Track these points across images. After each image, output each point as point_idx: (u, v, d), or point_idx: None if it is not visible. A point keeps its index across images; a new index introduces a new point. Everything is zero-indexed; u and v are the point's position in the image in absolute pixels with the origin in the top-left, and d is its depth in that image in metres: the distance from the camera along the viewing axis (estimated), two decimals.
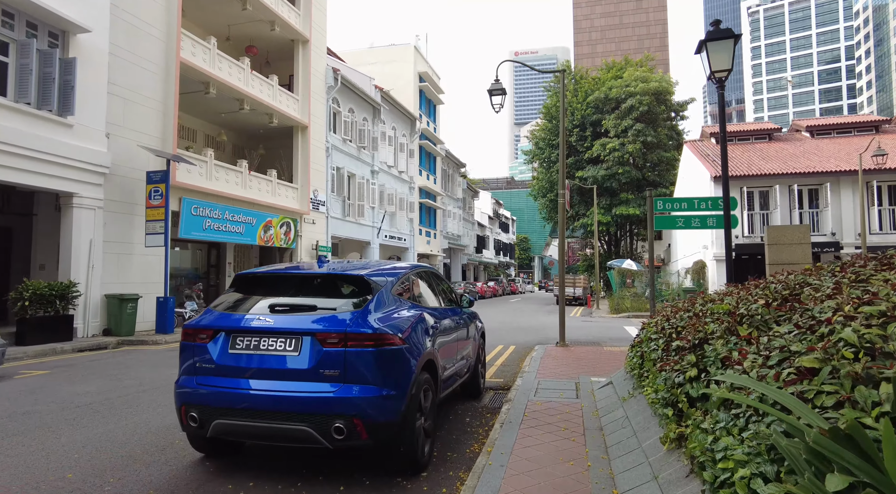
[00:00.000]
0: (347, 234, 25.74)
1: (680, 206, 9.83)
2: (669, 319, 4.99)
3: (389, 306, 3.97)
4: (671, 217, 9.85)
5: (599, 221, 36.11)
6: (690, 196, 9.97)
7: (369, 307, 3.76)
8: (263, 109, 19.70)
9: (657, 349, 4.55)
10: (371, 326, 3.62)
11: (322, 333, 3.51)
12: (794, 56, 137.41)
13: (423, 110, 36.58)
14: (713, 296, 5.25)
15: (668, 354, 4.22)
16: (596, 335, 13.78)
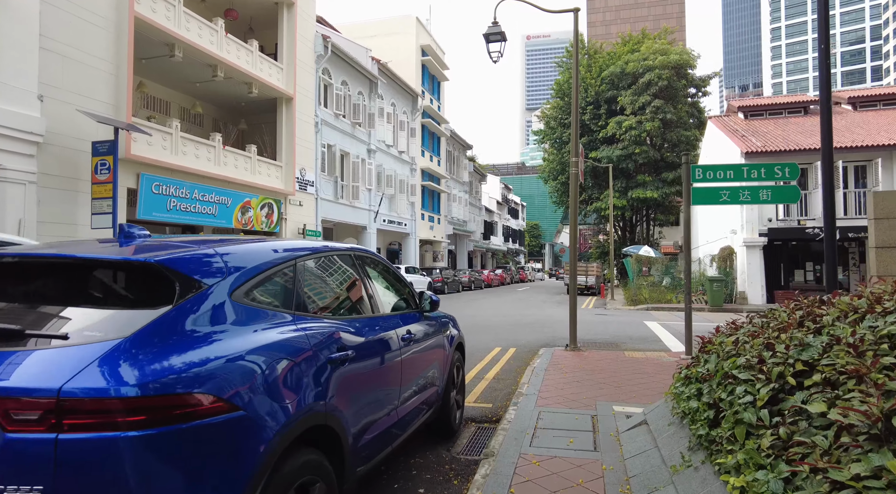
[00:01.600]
0: (340, 217, 23.81)
1: (725, 175, 7.70)
2: (772, 340, 2.94)
3: (217, 325, 1.97)
4: (713, 190, 7.74)
5: (615, 205, 33.84)
6: (737, 163, 7.85)
7: (147, 333, 1.77)
8: (241, 78, 17.70)
9: (752, 400, 2.52)
10: (135, 378, 1.62)
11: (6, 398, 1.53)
12: (815, 37, 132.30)
13: (425, 87, 34.36)
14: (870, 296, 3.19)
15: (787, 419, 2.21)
16: (613, 332, 11.73)
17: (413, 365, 3.51)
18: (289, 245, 2.79)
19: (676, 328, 12.43)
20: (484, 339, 10.52)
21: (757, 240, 18.54)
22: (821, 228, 18.92)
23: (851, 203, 18.20)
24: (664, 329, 12.19)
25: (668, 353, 8.55)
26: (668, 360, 7.70)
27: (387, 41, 32.58)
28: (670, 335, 11.10)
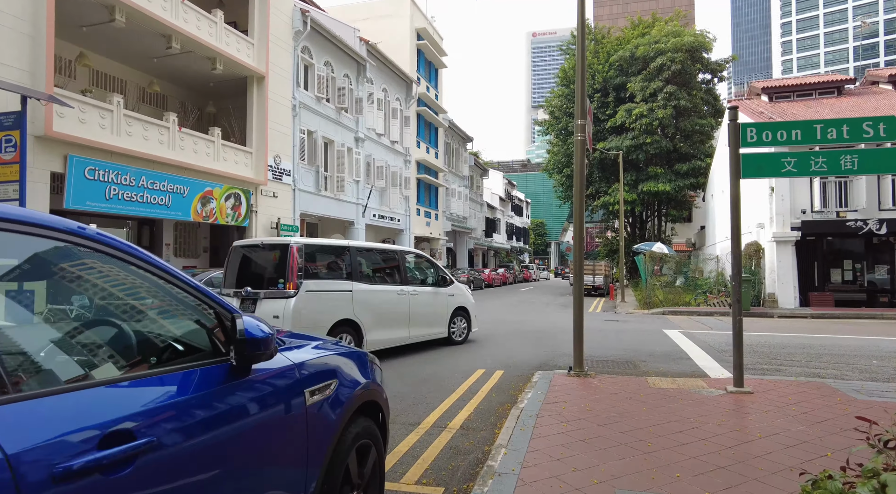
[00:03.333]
0: (322, 211, 21.71)
1: (789, 136, 5.51)
2: None
3: None
4: (772, 157, 5.57)
5: (624, 199, 31.59)
6: (807, 119, 5.66)
7: None
8: (202, 51, 15.61)
9: None
10: None
11: None
12: (827, 31, 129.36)
13: (421, 73, 32.20)
14: None
15: None
16: (628, 345, 9.54)
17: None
18: None
19: (704, 340, 10.22)
20: (466, 356, 8.36)
21: (789, 235, 16.29)
22: (864, 220, 16.70)
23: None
24: (690, 341, 9.99)
25: (707, 380, 6.37)
26: (712, 393, 5.53)
27: (379, 24, 30.46)
28: (700, 351, 8.91)
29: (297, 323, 6.87)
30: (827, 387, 5.71)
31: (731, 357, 8.33)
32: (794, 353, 8.68)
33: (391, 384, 6.35)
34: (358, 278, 7.91)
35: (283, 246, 7.34)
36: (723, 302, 17.59)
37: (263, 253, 7.72)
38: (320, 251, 7.93)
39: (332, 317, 7.34)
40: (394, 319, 8.33)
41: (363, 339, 7.67)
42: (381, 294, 8.19)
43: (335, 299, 7.47)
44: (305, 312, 7.04)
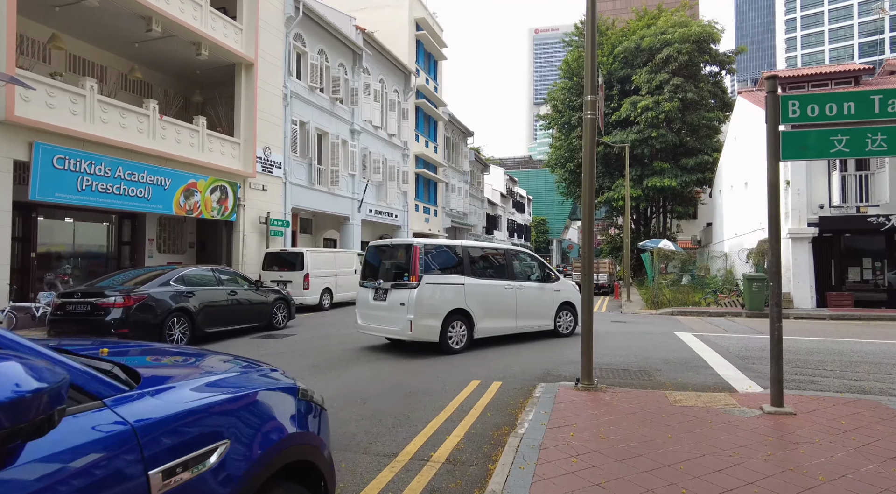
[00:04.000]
0: (316, 205, 20.86)
1: (840, 109, 4.64)
2: None
3: None
4: (820, 135, 4.70)
5: (629, 195, 30.71)
6: (864, 89, 4.76)
7: None
8: (186, 36, 14.78)
9: None
10: None
11: None
12: (832, 28, 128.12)
13: (420, 64, 31.28)
14: None
15: None
16: (640, 351, 8.69)
17: None
18: None
19: (720, 344, 9.37)
20: (462, 363, 7.53)
21: (805, 231, 15.41)
22: (887, 216, 15.81)
23: None
24: (705, 346, 9.14)
25: (736, 396, 5.52)
26: (746, 414, 4.68)
27: (377, 14, 29.53)
28: (718, 357, 8.06)
29: (419, 310, 8.13)
30: (883, 407, 4.86)
31: (755, 365, 7.52)
32: (825, 360, 7.82)
33: (372, 399, 5.53)
34: (469, 273, 8.99)
35: (407, 246, 8.64)
36: (734, 302, 16.72)
37: (392, 251, 9.09)
38: (438, 250, 8.97)
39: (447, 306, 8.46)
40: (501, 310, 9.27)
41: (474, 326, 8.79)
42: (489, 288, 9.17)
43: (450, 291, 8.59)
44: (425, 300, 8.24)
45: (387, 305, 8.44)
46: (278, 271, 15.46)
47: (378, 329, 8.68)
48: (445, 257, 8.91)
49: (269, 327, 11.13)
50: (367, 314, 8.87)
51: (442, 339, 8.30)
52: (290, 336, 10.29)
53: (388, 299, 8.43)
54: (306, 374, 6.73)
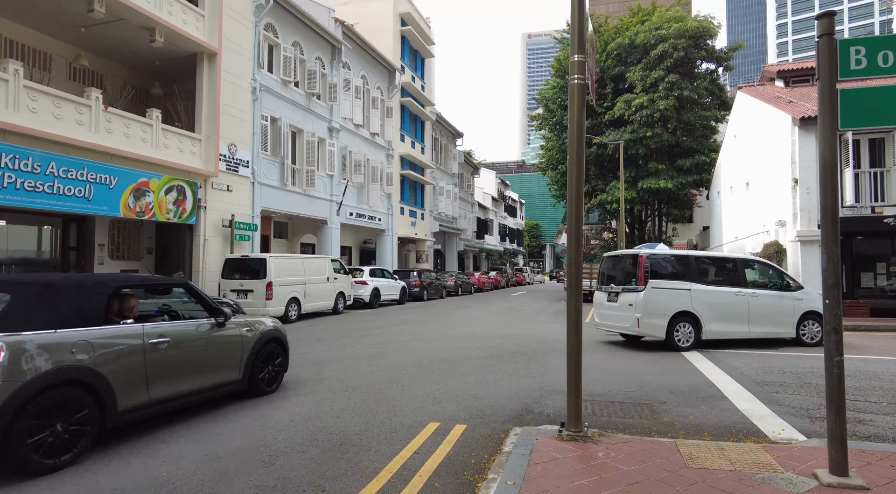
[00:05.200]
0: (289, 208, 19.45)
1: None
2: None
3: None
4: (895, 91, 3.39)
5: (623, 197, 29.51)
6: None
7: None
8: (137, 19, 13.39)
9: None
10: None
11: None
12: None
13: (405, 61, 30.02)
14: None
15: None
16: (639, 375, 7.36)
17: None
18: None
19: (731, 364, 8.05)
20: (419, 395, 6.14)
21: (815, 234, 14.15)
22: None
23: None
24: (715, 367, 7.82)
25: (769, 447, 4.17)
26: (794, 487, 3.32)
27: (360, 8, 28.27)
28: (733, 382, 6.73)
29: (646, 310, 9.37)
30: None
31: (780, 394, 6.17)
32: (863, 388, 6.51)
33: (289, 453, 4.15)
34: (696, 279, 9.84)
35: (634, 256, 9.89)
36: None
37: (623, 260, 10.40)
38: (665, 259, 10.02)
39: (672, 308, 9.50)
40: (732, 315, 9.80)
41: (701, 329, 9.59)
42: (717, 294, 9.83)
43: (675, 295, 9.55)
44: (651, 302, 9.44)
45: (618, 305, 9.93)
46: (239, 280, 14.05)
47: (612, 326, 10.30)
48: (672, 265, 9.95)
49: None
50: (603, 313, 10.56)
51: (668, 337, 9.47)
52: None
53: (619, 301, 9.90)
54: None
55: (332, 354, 9.07)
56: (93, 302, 4.33)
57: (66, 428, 3.89)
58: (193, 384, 5.01)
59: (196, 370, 5.04)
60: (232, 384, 5.53)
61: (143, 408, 4.48)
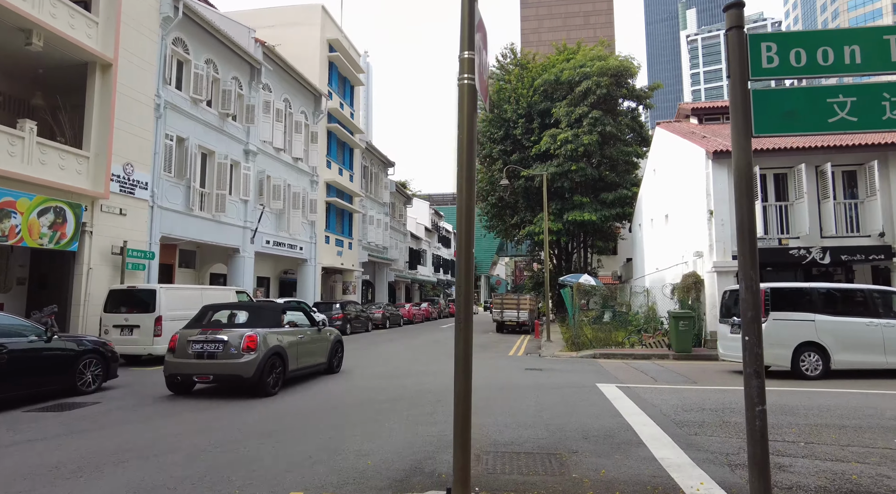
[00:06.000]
0: (196, 235, 17.89)
1: (840, 56, 2.91)
2: None
3: None
4: (813, 94, 2.97)
5: (549, 229, 29.76)
6: (875, 25, 3.12)
7: None
8: (9, 18, 11.90)
9: None
10: None
11: None
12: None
13: (333, 87, 29.32)
14: None
15: None
16: (552, 417, 6.71)
17: None
18: None
19: (651, 401, 7.57)
20: (292, 453, 5.15)
21: (730, 264, 14.41)
22: (808, 248, 15.19)
23: (841, 217, 14.49)
24: (634, 405, 7.30)
25: None
26: None
27: (287, 32, 27.44)
28: (651, 424, 6.19)
29: (768, 340, 9.17)
30: None
31: (698, 436, 5.63)
32: (779, 424, 6.14)
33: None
34: (820, 310, 10.12)
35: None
36: (660, 342, 15.39)
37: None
38: (786, 291, 10.50)
39: (795, 339, 9.91)
40: (864, 345, 9.99)
41: (830, 358, 9.90)
42: (846, 324, 10.07)
43: (798, 326, 9.95)
44: (773, 333, 9.80)
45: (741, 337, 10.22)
46: (125, 314, 12.40)
47: (735, 356, 10.62)
48: (794, 297, 10.35)
49: (73, 390, 8.21)
50: (726, 345, 11.00)
51: (794, 366, 9.91)
52: (87, 407, 7.46)
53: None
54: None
55: (211, 401, 7.85)
56: (277, 316, 9.12)
57: (276, 375, 8.49)
58: (311, 362, 9.81)
59: (312, 355, 9.86)
60: (322, 365, 10.42)
61: (294, 372, 9.13)
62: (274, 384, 8.38)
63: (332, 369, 10.62)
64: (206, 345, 8.13)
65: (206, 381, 8.35)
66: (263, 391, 8.14)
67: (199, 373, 8.11)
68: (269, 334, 8.42)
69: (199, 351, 8.14)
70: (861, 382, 9.46)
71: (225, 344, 8.07)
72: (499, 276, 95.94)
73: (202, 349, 8.13)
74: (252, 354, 8.03)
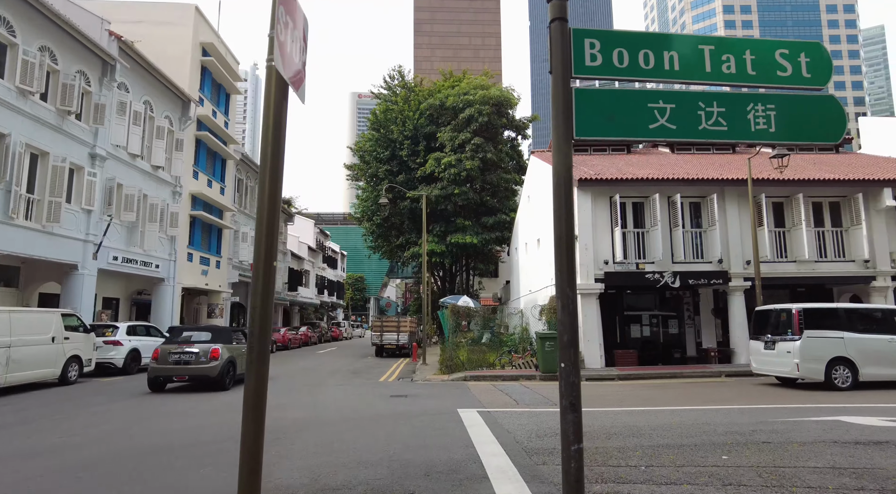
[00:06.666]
0: (19, 248, 15.24)
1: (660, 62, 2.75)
2: None
3: None
4: (633, 98, 2.78)
5: (433, 250, 29.76)
6: (690, 33, 3.02)
7: None
8: None
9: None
10: None
11: None
12: None
13: (206, 94, 27.22)
14: None
15: None
16: (401, 449, 6.17)
17: None
18: None
19: (508, 426, 7.32)
20: None
21: (593, 287, 15.06)
22: (661, 272, 16.34)
23: (689, 244, 15.79)
24: (489, 432, 6.99)
25: None
26: None
27: (157, 30, 25.04)
28: (501, 453, 5.86)
29: (804, 356, 11.02)
30: None
31: (546, 466, 5.30)
32: (626, 448, 6.11)
33: None
34: (848, 328, 11.30)
35: (788, 310, 11.59)
36: (529, 363, 15.60)
37: (777, 313, 11.95)
38: (818, 311, 11.55)
39: (828, 354, 11.09)
40: (887, 360, 11.08)
41: (858, 371, 11.01)
42: (871, 341, 11.19)
43: (830, 343, 11.14)
44: (807, 350, 11.10)
45: (775, 353, 11.42)
46: None
47: (769, 370, 11.83)
48: (823, 317, 11.35)
49: None
50: (759, 359, 12.05)
51: (827, 379, 10.88)
52: None
53: (777, 349, 11.44)
54: None
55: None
56: (230, 335, 13.09)
57: (230, 376, 12.14)
58: None
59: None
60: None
61: (240, 375, 12.19)
62: (229, 382, 12.24)
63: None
64: (181, 355, 11.77)
65: (183, 380, 12.00)
66: (222, 386, 11.93)
67: (177, 374, 11.69)
68: (224, 347, 12.15)
69: (177, 359, 11.77)
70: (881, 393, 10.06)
71: (196, 354, 11.79)
72: (389, 298, 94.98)
73: (179, 357, 11.76)
74: (216, 361, 11.83)
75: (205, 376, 11.56)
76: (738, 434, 6.71)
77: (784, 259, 15.78)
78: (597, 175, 15.52)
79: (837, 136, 2.73)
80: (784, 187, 15.76)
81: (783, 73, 2.77)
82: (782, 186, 15.68)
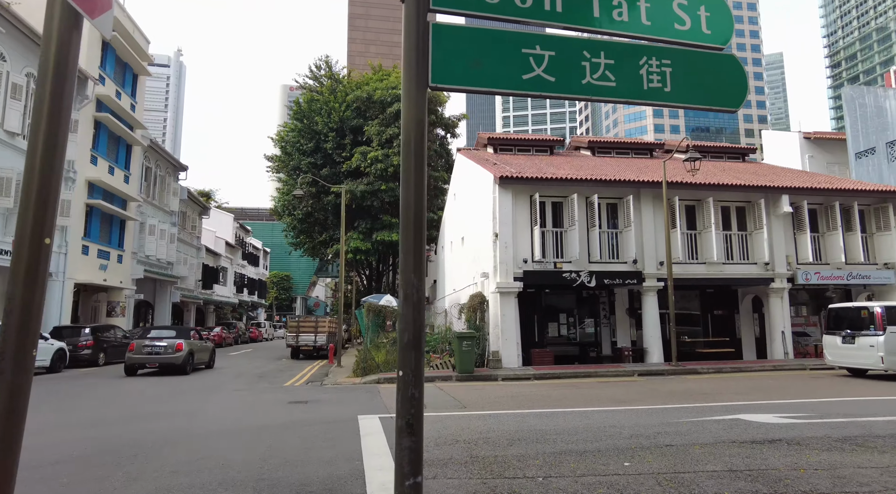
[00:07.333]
0: None
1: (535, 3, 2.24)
2: None
3: None
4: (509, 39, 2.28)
5: (358, 248, 28.86)
6: None
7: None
8: None
9: None
10: None
11: None
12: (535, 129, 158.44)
13: (108, 72, 24.84)
14: None
15: None
16: (275, 469, 5.42)
17: None
18: None
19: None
20: None
21: (512, 285, 14.84)
22: (578, 272, 16.40)
23: (605, 244, 15.94)
24: (383, 443, 6.40)
25: None
26: None
27: None
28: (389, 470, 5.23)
29: (888, 349, 11.93)
30: None
31: (436, 480, 4.86)
32: (526, 456, 5.70)
33: None
34: None
35: (868, 308, 12.71)
36: (446, 363, 15.15)
37: (854, 311, 13.09)
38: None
39: None
40: None
41: None
42: None
43: None
44: (890, 343, 12.00)
45: (855, 346, 12.51)
46: None
47: (847, 363, 12.95)
48: None
49: None
50: (836, 353, 13.12)
51: None
52: None
53: (857, 343, 12.52)
54: None
55: None
56: (189, 333, 17.22)
57: (191, 364, 16.11)
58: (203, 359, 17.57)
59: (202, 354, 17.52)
60: (206, 362, 17.93)
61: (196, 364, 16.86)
62: (190, 369, 15.91)
63: (211, 365, 18.17)
64: (153, 347, 15.25)
65: (154, 367, 15.50)
66: (184, 372, 15.50)
67: (149, 362, 15.28)
68: (185, 341, 15.82)
69: (149, 351, 15.30)
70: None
71: (165, 347, 15.34)
72: (318, 297, 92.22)
73: (151, 350, 15.25)
74: (181, 352, 15.43)
75: (171, 364, 15.16)
76: (643, 437, 6.51)
77: (695, 261, 16.31)
78: (518, 173, 15.33)
79: (738, 101, 2.36)
80: (696, 190, 16.29)
81: (681, 26, 2.36)
82: (694, 189, 16.20)
